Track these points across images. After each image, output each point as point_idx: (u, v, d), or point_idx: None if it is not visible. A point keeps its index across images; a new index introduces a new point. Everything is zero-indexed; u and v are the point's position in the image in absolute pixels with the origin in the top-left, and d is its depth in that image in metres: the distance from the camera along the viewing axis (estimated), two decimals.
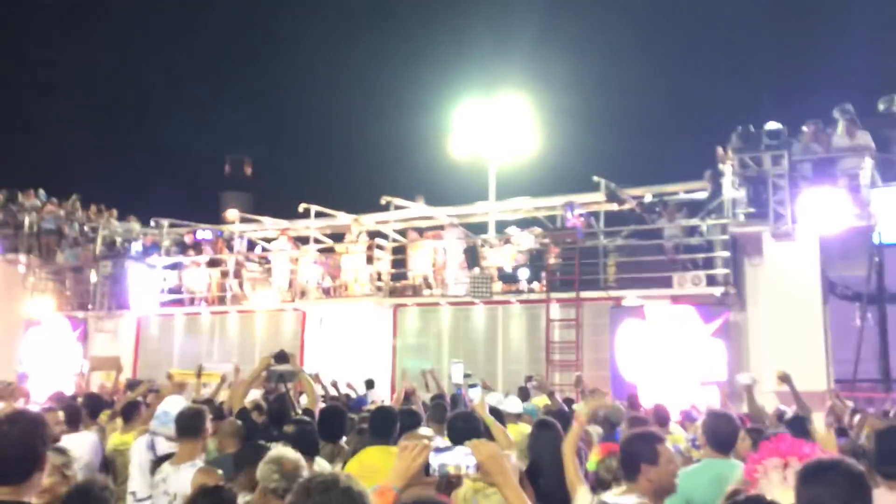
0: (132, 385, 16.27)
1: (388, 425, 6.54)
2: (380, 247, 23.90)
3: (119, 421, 10.96)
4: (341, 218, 25.98)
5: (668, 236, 20.72)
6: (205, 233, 27.66)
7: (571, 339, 21.21)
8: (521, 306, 21.93)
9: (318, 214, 25.97)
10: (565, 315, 21.36)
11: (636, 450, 5.83)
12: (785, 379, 10.63)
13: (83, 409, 10.50)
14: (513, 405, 11.58)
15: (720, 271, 20.14)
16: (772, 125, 19.69)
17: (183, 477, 7.21)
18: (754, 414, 10.62)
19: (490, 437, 6.81)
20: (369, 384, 19.66)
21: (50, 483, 5.83)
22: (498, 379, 21.08)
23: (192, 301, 26.27)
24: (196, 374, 14.18)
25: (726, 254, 20.13)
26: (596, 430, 9.49)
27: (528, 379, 14.79)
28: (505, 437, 7.19)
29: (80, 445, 7.55)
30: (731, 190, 20.10)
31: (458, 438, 6.49)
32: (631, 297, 20.58)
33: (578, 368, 20.35)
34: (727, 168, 20.20)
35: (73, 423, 9.98)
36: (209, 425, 7.59)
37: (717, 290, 19.99)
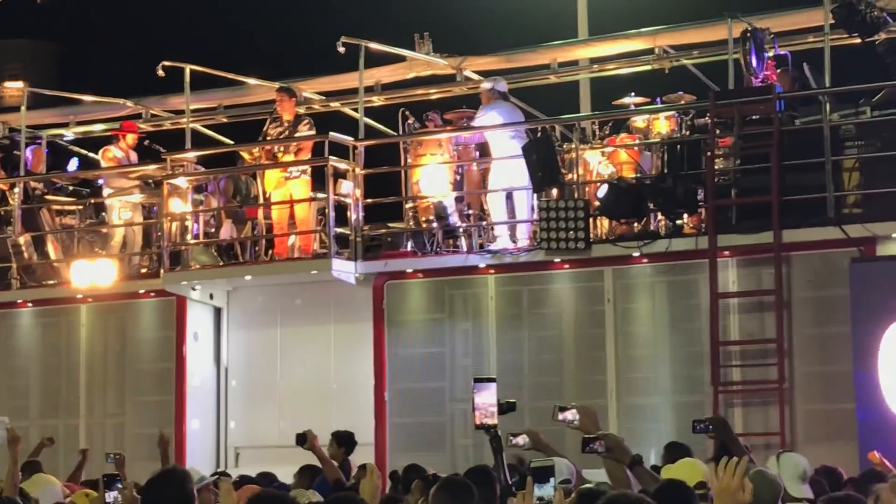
0: None
1: None
2: (339, 151, 16.15)
3: None
4: (251, 89, 18.67)
5: None
6: None
7: (765, 330, 14.15)
8: (652, 266, 14.60)
9: (199, 82, 18.08)
10: (750, 280, 14.48)
11: None
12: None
13: None
14: None
15: None
16: None
17: None
18: None
19: None
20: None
21: None
22: (608, 417, 14.31)
23: None
24: None
25: None
26: None
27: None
28: None
29: None
30: None
31: None
32: None
33: (784, 397, 13.56)
34: None
35: None
36: None
37: None
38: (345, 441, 12.28)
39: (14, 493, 8.36)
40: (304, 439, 9.01)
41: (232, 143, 17.84)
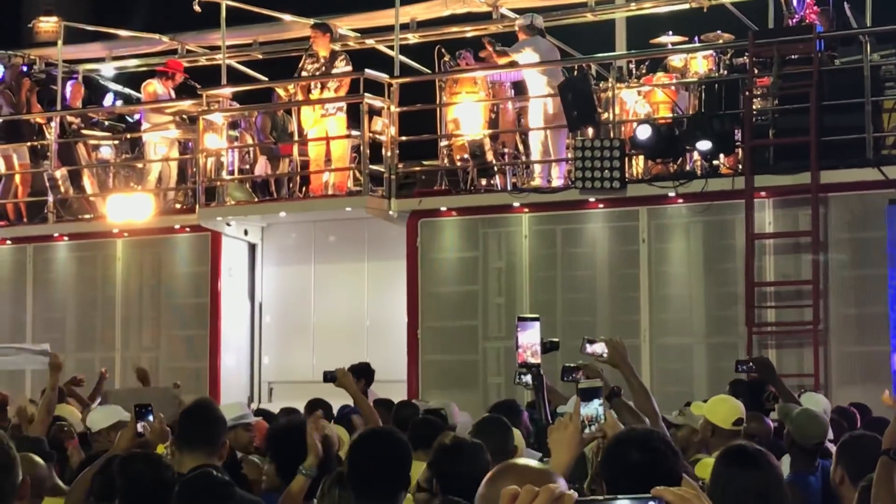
0: None
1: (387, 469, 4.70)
2: (374, 89, 15.84)
3: None
4: (287, 26, 18.46)
5: None
6: None
7: (801, 272, 13.73)
8: (687, 206, 14.18)
9: (235, 18, 17.74)
10: (786, 220, 14.04)
11: None
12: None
13: None
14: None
15: None
16: None
17: None
18: None
19: None
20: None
21: None
22: (641, 357, 13.97)
23: None
24: None
25: None
26: None
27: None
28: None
29: None
30: None
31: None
32: None
33: (819, 338, 13.17)
34: None
35: None
36: None
37: None
38: (363, 374, 12.14)
39: (48, 419, 8.32)
40: (332, 377, 8.79)
41: (267, 79, 17.68)
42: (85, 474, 6.15)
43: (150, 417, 6.23)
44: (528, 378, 8.26)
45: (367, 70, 15.06)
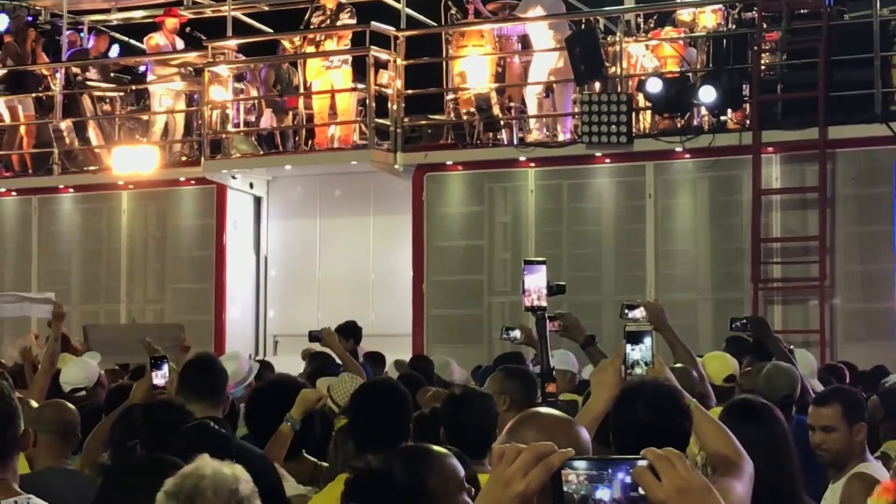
0: None
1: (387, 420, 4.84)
2: (380, 42, 15.45)
3: None
4: None
5: None
6: None
7: (807, 228, 13.58)
8: (694, 161, 13.97)
9: None
10: (793, 176, 13.78)
11: None
12: None
13: None
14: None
15: None
16: None
17: None
18: None
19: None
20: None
21: None
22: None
23: None
24: None
25: None
26: None
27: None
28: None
29: None
30: None
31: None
32: None
33: (824, 294, 13.12)
34: None
35: None
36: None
37: None
38: (351, 333, 11.90)
39: (52, 370, 8.24)
40: (318, 336, 8.70)
41: (272, 31, 17.48)
42: (103, 423, 6.13)
43: (166, 368, 6.23)
44: (515, 333, 8.19)
45: (373, 23, 14.80)
